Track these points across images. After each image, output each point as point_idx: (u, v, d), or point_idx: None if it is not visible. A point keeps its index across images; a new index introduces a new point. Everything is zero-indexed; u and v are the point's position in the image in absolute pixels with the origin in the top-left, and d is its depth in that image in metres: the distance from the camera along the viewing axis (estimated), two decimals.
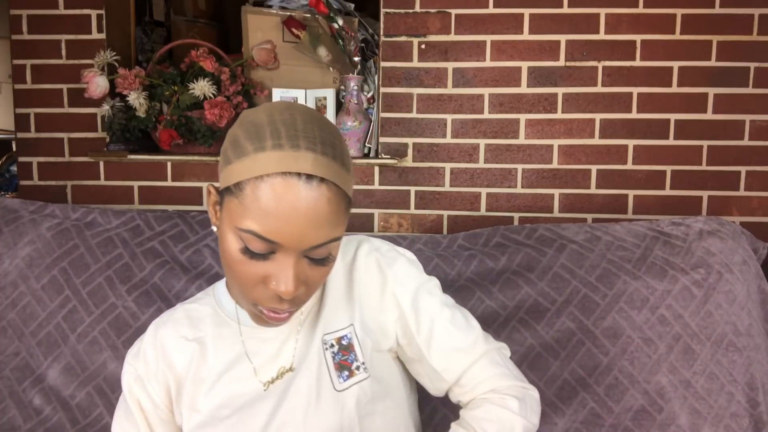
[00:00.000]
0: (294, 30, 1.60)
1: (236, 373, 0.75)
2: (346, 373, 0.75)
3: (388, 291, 0.79)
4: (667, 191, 1.51)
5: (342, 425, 0.73)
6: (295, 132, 0.62)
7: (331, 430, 0.72)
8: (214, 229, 0.70)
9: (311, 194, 0.60)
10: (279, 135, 0.61)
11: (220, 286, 0.83)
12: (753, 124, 1.48)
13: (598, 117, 1.49)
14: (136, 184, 1.57)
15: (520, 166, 1.52)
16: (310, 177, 0.60)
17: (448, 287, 1.24)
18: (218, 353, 0.77)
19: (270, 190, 0.59)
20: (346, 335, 0.76)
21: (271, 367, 0.76)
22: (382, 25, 1.51)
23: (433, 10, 1.49)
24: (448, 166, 1.53)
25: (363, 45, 1.75)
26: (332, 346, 0.76)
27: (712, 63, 1.47)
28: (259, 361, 0.76)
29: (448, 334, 0.78)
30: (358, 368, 0.75)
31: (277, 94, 1.58)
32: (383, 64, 1.52)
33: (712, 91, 1.47)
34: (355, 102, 1.56)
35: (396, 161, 1.52)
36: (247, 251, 0.63)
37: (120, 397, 0.81)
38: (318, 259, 0.64)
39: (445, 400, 0.85)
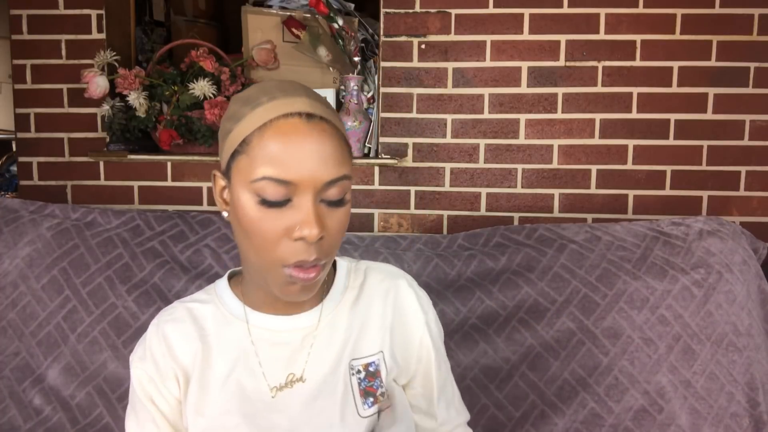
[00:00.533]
0: (294, 30, 1.60)
1: (243, 375, 0.72)
2: (371, 399, 0.74)
3: (421, 332, 0.80)
4: (667, 191, 1.51)
5: None
6: (286, 88, 0.66)
7: None
8: (225, 214, 0.70)
9: (314, 129, 0.63)
10: (271, 92, 0.65)
11: (222, 285, 0.79)
12: (753, 124, 1.48)
13: (598, 117, 1.49)
14: (136, 184, 1.57)
15: (520, 166, 1.52)
16: (309, 115, 0.64)
17: (448, 287, 1.24)
18: (223, 354, 0.73)
19: (275, 132, 0.62)
20: (374, 362, 0.75)
21: (281, 373, 0.73)
22: (382, 25, 1.51)
23: (433, 10, 1.49)
24: (448, 166, 1.53)
25: (363, 45, 1.75)
26: (359, 372, 0.74)
27: (712, 63, 1.47)
28: (268, 365, 0.73)
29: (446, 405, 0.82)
30: (382, 395, 0.75)
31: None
32: (383, 64, 1.52)
33: (712, 91, 1.47)
34: (355, 102, 1.56)
35: (396, 161, 1.52)
36: (263, 203, 0.62)
37: (129, 405, 0.76)
38: (333, 201, 0.65)
39: None
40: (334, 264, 0.81)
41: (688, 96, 1.48)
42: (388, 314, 0.78)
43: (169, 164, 1.55)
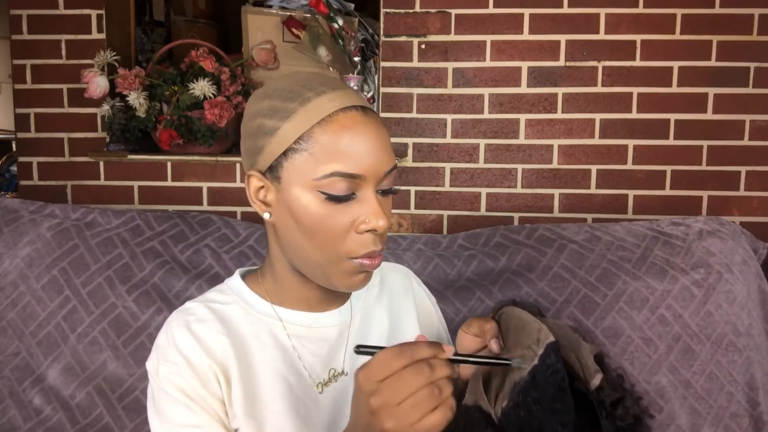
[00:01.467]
0: (294, 30, 1.60)
1: (287, 373, 0.69)
2: None
3: (438, 319, 0.89)
4: (667, 191, 1.51)
5: None
6: (324, 81, 0.65)
7: None
8: (267, 216, 0.67)
9: (371, 121, 0.64)
10: (314, 87, 0.64)
11: (238, 285, 0.75)
12: (753, 124, 1.48)
13: (598, 117, 1.49)
14: (136, 184, 1.57)
15: (520, 166, 1.52)
16: (364, 108, 0.64)
17: (448, 287, 1.24)
18: (262, 353, 0.70)
19: (338, 126, 0.61)
20: None
21: (322, 369, 0.71)
22: (382, 25, 1.51)
23: (433, 10, 1.49)
24: (448, 166, 1.53)
25: (363, 45, 1.75)
26: None
27: (712, 63, 1.47)
28: (310, 362, 0.71)
29: None
30: None
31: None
32: (383, 64, 1.52)
33: (712, 91, 1.47)
34: None
35: (396, 161, 1.52)
36: (330, 199, 0.62)
37: (157, 422, 0.67)
38: (386, 190, 0.66)
39: None
40: None
41: (688, 96, 1.48)
42: (413, 310, 0.82)
43: (169, 164, 1.55)
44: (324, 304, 0.74)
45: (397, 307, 0.81)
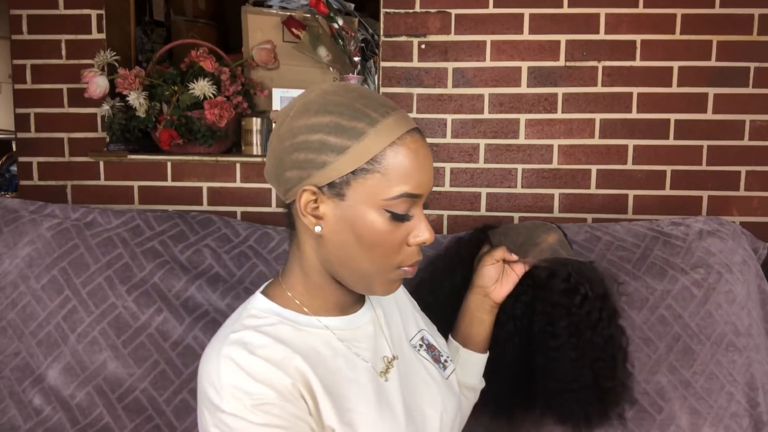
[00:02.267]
0: (294, 30, 1.60)
1: (357, 375, 0.71)
2: (441, 365, 0.85)
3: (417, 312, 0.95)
4: (667, 191, 1.51)
5: (457, 405, 0.83)
6: (380, 100, 0.68)
7: (455, 410, 0.81)
8: (318, 229, 0.67)
9: (425, 143, 0.69)
10: (375, 107, 0.66)
11: (266, 305, 0.73)
12: (753, 124, 1.48)
13: (598, 117, 1.49)
14: (136, 184, 1.57)
15: (520, 166, 1.52)
16: (418, 129, 0.69)
17: None
18: (326, 363, 0.69)
19: (407, 149, 0.65)
20: (423, 337, 0.87)
21: (378, 361, 0.76)
22: (382, 25, 1.51)
23: (433, 10, 1.49)
24: (448, 166, 1.53)
25: (363, 45, 1.75)
26: (420, 346, 0.85)
27: (712, 63, 1.47)
28: (369, 358, 0.75)
29: None
30: (446, 360, 0.86)
31: (277, 94, 1.58)
32: (383, 64, 1.52)
33: (712, 91, 1.47)
34: None
35: None
36: (394, 218, 0.66)
37: None
38: (424, 205, 0.71)
39: None
40: None
41: (688, 96, 1.48)
42: (405, 299, 0.92)
43: (169, 164, 1.55)
44: (354, 306, 0.78)
45: (398, 301, 0.89)
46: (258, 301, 0.73)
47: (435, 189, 1.53)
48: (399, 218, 0.66)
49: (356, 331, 0.76)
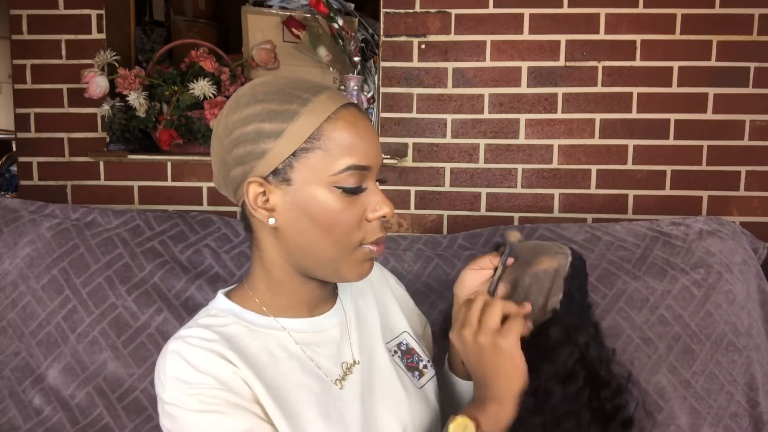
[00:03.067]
0: (294, 30, 1.60)
1: (307, 380, 0.68)
2: (417, 373, 0.80)
3: (411, 302, 0.92)
4: (667, 191, 1.51)
5: (431, 417, 0.77)
6: (306, 82, 0.68)
7: (426, 423, 0.76)
8: (272, 221, 0.65)
9: (366, 116, 0.68)
10: (305, 88, 0.66)
11: (224, 304, 0.73)
12: (753, 124, 1.48)
13: (598, 117, 1.49)
14: (136, 184, 1.57)
15: (520, 166, 1.52)
16: (354, 104, 0.68)
17: (448, 287, 1.24)
18: (278, 369, 0.68)
19: (345, 122, 0.65)
20: (402, 341, 0.82)
21: (335, 367, 0.72)
22: (382, 25, 1.51)
23: (433, 10, 1.49)
24: (448, 166, 1.53)
25: (363, 45, 1.75)
26: (395, 352, 0.80)
27: (712, 63, 1.46)
28: (324, 364, 0.71)
29: None
30: (425, 367, 0.82)
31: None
32: (383, 64, 1.52)
33: (712, 91, 1.47)
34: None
35: (396, 161, 1.52)
36: (346, 192, 0.64)
37: None
38: (380, 180, 0.71)
39: None
40: None
41: (688, 96, 1.48)
42: (392, 298, 0.87)
43: (169, 164, 1.55)
44: (321, 306, 0.76)
45: (381, 297, 0.85)
46: (218, 302, 0.74)
47: (435, 189, 1.53)
48: (350, 192, 0.64)
49: (318, 334, 0.73)
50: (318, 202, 0.64)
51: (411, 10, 1.50)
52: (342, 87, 1.60)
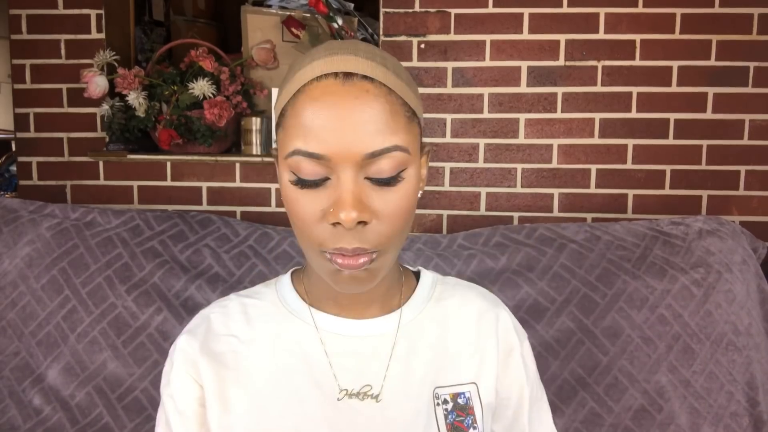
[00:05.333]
0: (293, 30, 1.60)
1: (302, 377, 0.62)
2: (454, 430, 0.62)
3: (518, 358, 0.68)
4: (667, 191, 1.51)
5: None
6: (336, 45, 0.55)
7: None
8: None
9: (352, 91, 0.51)
10: (318, 52, 0.55)
11: (284, 279, 0.69)
12: (753, 124, 1.48)
13: (597, 117, 1.49)
14: (135, 183, 1.57)
15: (519, 166, 1.52)
16: (348, 75, 0.52)
17: None
18: (278, 354, 0.63)
19: (306, 98, 0.52)
20: (464, 393, 0.63)
21: (353, 381, 0.61)
22: (381, 25, 1.51)
23: (432, 10, 1.49)
24: (447, 166, 1.53)
25: None
26: (446, 402, 0.63)
27: (712, 62, 1.46)
28: (338, 369, 0.61)
29: None
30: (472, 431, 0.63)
31: (277, 94, 1.58)
32: None
33: (711, 91, 1.47)
34: None
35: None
36: (298, 182, 0.53)
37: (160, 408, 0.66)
38: (383, 179, 0.53)
39: None
40: (418, 274, 0.71)
41: (687, 96, 1.48)
42: (486, 344, 0.66)
43: (168, 164, 1.55)
44: (358, 308, 0.64)
45: (461, 335, 0.66)
46: (283, 276, 0.70)
47: (435, 189, 1.53)
48: (301, 183, 0.53)
49: (347, 340, 0.63)
50: (282, 184, 0.56)
51: (410, 10, 1.50)
52: None
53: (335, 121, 0.50)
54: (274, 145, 0.62)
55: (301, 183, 0.53)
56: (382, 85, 0.53)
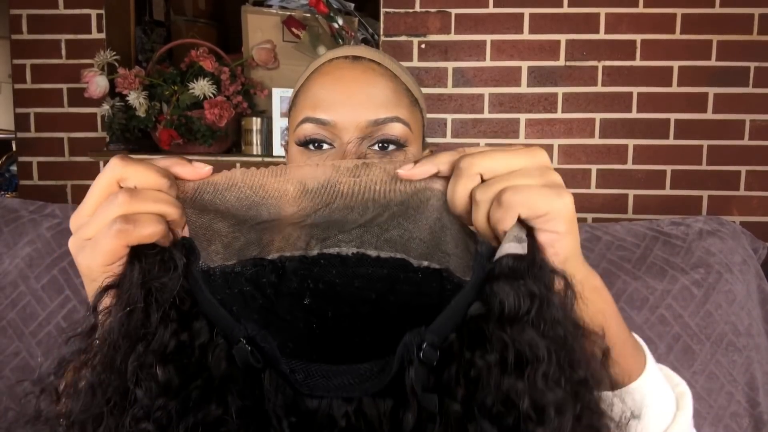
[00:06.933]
0: (294, 29, 1.60)
1: None
2: None
3: None
4: (667, 191, 1.51)
5: None
6: (343, 45, 0.64)
7: None
8: None
9: (358, 67, 0.58)
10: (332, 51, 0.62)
11: None
12: (753, 124, 1.48)
13: (598, 117, 1.49)
14: None
15: None
16: (356, 57, 0.59)
17: None
18: None
19: (317, 75, 0.59)
20: None
21: None
22: (382, 25, 1.51)
23: (433, 10, 1.49)
24: None
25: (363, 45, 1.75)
26: None
27: (712, 63, 1.46)
28: None
29: None
30: None
31: (277, 94, 1.58)
32: None
33: (712, 91, 1.47)
34: None
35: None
36: (304, 144, 0.57)
37: None
38: (384, 140, 0.56)
39: None
40: None
41: (688, 96, 1.48)
42: None
43: None
44: None
45: None
46: None
47: None
48: (307, 143, 0.56)
49: None
50: (290, 160, 0.60)
51: (411, 10, 1.50)
52: None
53: (343, 92, 0.56)
54: (284, 140, 0.64)
55: (307, 143, 0.56)
56: (387, 69, 0.59)
